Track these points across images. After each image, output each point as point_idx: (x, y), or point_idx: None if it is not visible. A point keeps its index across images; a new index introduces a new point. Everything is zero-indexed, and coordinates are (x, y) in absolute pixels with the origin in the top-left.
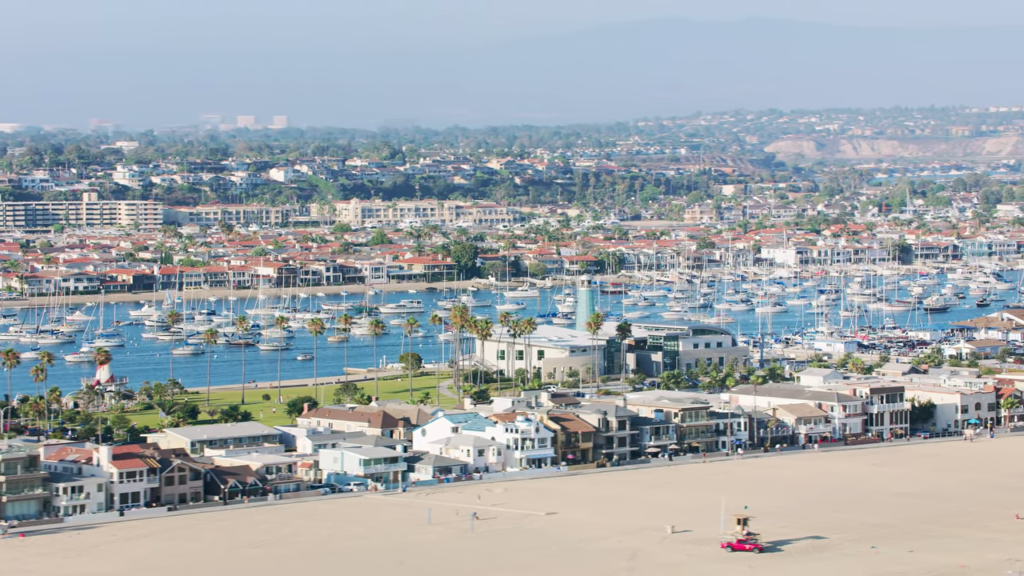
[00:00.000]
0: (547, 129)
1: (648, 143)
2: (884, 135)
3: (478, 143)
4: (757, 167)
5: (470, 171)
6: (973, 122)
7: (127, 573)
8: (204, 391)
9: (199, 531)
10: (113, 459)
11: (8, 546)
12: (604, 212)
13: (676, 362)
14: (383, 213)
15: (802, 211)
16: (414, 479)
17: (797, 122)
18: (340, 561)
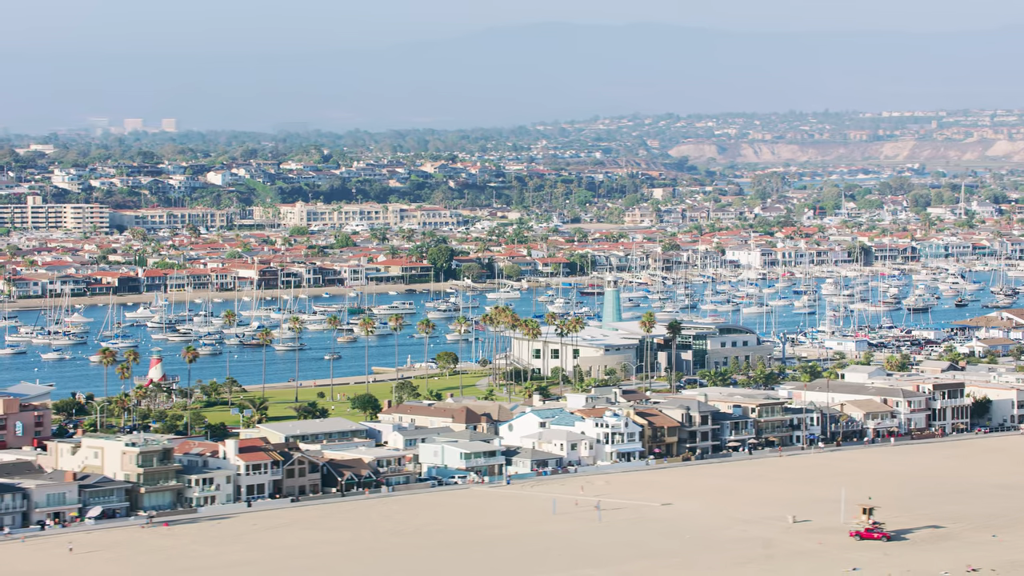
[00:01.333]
0: (453, 133)
1: (556, 146)
2: (784, 139)
3: (395, 147)
4: (669, 170)
5: (405, 175)
6: (868, 127)
7: (287, 559)
8: (258, 389)
9: (335, 521)
10: (239, 452)
11: (157, 535)
12: (545, 216)
13: (705, 360)
14: (328, 216)
15: (740, 214)
16: (512, 472)
17: (695, 126)
18: (489, 549)
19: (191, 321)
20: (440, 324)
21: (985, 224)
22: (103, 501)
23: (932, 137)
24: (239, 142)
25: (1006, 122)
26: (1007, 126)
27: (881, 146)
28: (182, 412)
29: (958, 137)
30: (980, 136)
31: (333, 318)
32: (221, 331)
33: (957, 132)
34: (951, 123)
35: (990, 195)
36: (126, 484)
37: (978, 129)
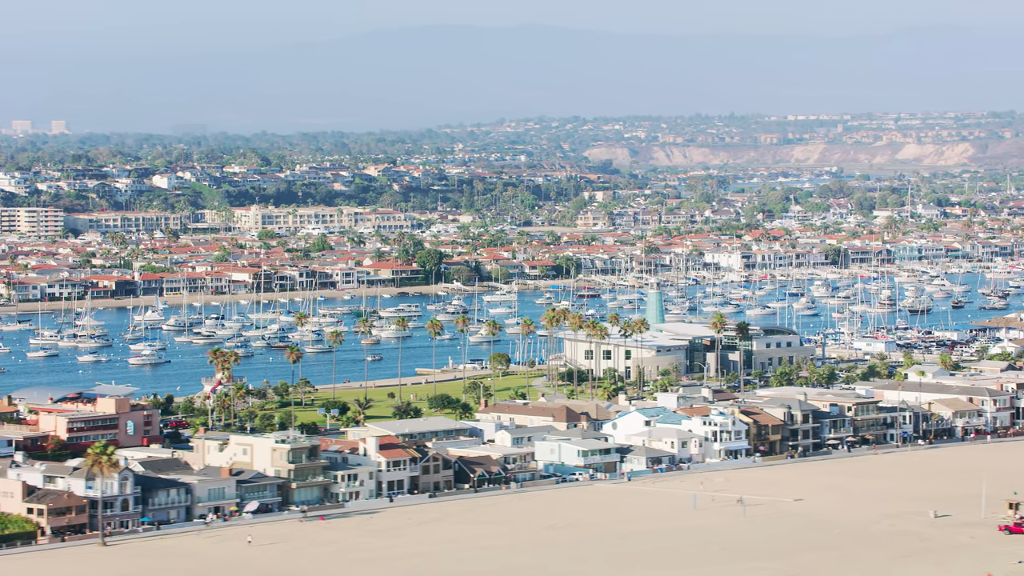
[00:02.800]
0: (370, 135)
1: (473, 149)
2: (695, 142)
3: (314, 149)
4: (591, 173)
5: (349, 178)
6: (775, 130)
7: (457, 552)
8: (328, 390)
9: (482, 515)
10: (380, 449)
11: (317, 528)
12: (498, 219)
13: (751, 361)
14: (283, 219)
15: (690, 217)
16: (627, 469)
17: (602, 129)
18: (647, 541)
19: (203, 324)
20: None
21: (947, 226)
22: (258, 496)
23: (842, 140)
24: (150, 144)
25: (910, 125)
26: (913, 129)
27: (792, 149)
28: (272, 412)
29: (867, 140)
30: (889, 139)
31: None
32: (240, 333)
33: (866, 135)
34: (856, 126)
35: (933, 199)
36: (278, 480)
37: (887, 132)
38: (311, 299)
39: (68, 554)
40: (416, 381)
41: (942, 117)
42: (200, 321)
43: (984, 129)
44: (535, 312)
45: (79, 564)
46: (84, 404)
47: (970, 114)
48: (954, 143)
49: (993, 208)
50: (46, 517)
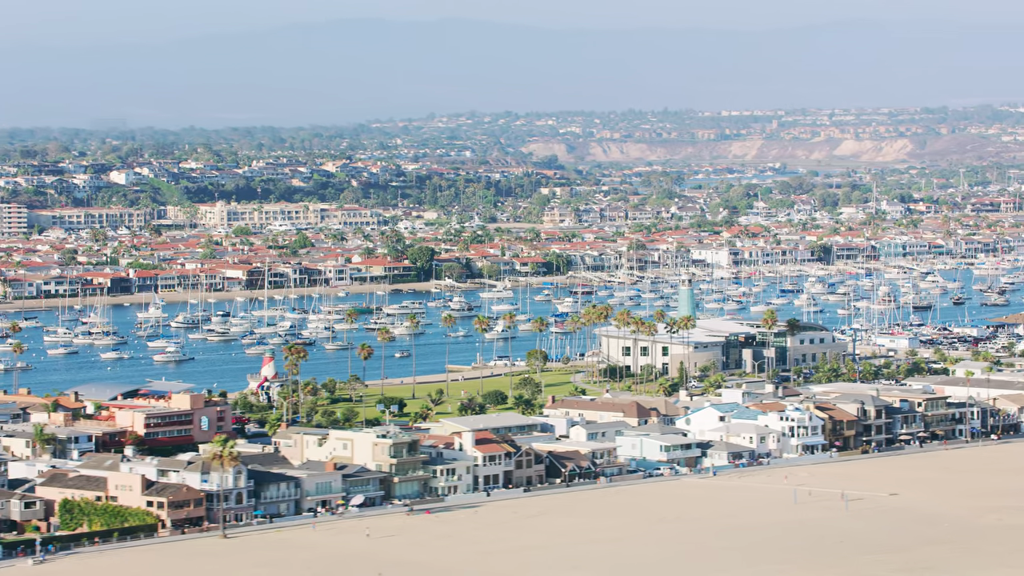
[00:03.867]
0: (301, 130)
1: (412, 145)
2: (632, 138)
3: (256, 144)
4: (536, 168)
5: (307, 174)
6: (709, 125)
7: (573, 544)
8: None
9: (586, 508)
10: (476, 444)
11: (427, 521)
12: (465, 216)
13: (785, 357)
14: (249, 216)
15: (656, 214)
16: (708, 464)
17: (535, 124)
18: (762, 535)
19: (209, 321)
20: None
21: (924, 223)
22: (362, 490)
23: (779, 136)
24: (80, 139)
25: (845, 121)
26: (847, 125)
27: (729, 145)
28: (334, 409)
29: (805, 136)
30: (827, 135)
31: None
32: (252, 330)
33: (803, 131)
34: (791, 122)
35: (893, 196)
36: (380, 474)
37: (824, 128)
38: (305, 296)
39: (192, 546)
40: (450, 378)
41: (876, 113)
42: (207, 318)
43: (920, 125)
44: (536, 309)
45: (209, 556)
46: (156, 400)
47: (903, 110)
48: (892, 139)
49: (956, 204)
50: (166, 510)
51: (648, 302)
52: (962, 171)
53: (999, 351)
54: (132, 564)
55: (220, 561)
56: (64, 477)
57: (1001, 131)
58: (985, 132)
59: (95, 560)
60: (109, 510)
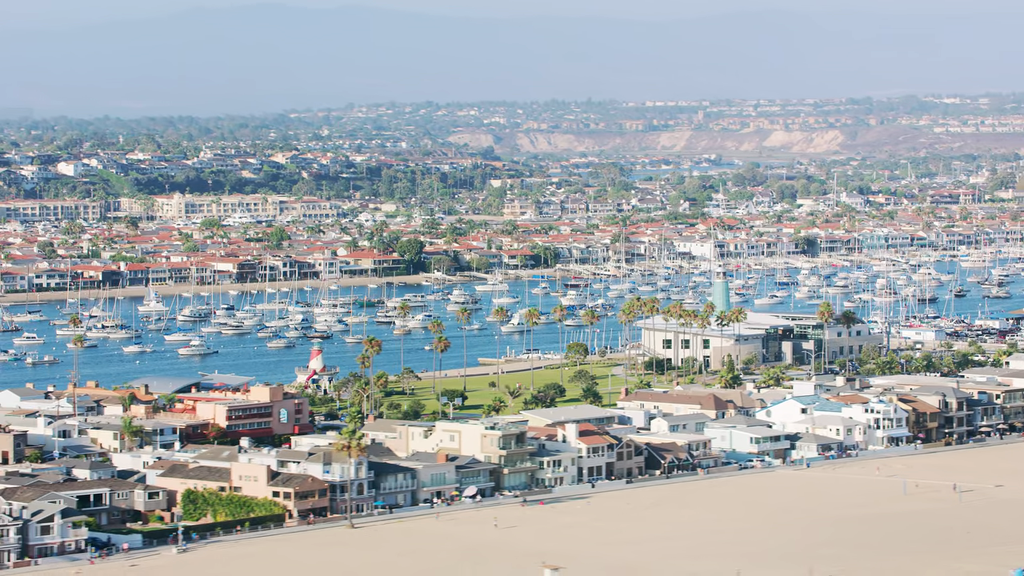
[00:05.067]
0: (220, 120)
1: (340, 135)
2: (560, 129)
3: (186, 136)
4: (474, 158)
5: (258, 165)
6: (635, 116)
7: (705, 534)
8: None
9: (696, 499)
10: (579, 436)
11: (543, 512)
12: (426, 209)
13: (823, 349)
14: (207, 208)
15: (617, 206)
16: (796, 455)
17: (457, 115)
18: (886, 526)
19: (214, 315)
20: (451, 317)
21: (898, 215)
22: (474, 481)
23: (708, 127)
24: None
25: (770, 112)
26: (773, 116)
27: (658, 136)
28: (400, 402)
29: (734, 127)
30: (756, 126)
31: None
32: (263, 323)
33: (732, 122)
34: (716, 113)
35: (855, 187)
36: (490, 465)
37: (753, 119)
38: (294, 289)
39: (323, 536)
40: (492, 371)
41: (801, 104)
42: (211, 312)
43: (849, 116)
44: (534, 302)
45: (344, 546)
46: (233, 393)
47: (829, 100)
48: (823, 130)
49: (913, 196)
50: (293, 500)
51: (648, 295)
52: (908, 163)
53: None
54: (269, 553)
55: (362, 550)
56: (184, 468)
57: (932, 122)
58: (916, 123)
59: (232, 549)
60: (234, 500)
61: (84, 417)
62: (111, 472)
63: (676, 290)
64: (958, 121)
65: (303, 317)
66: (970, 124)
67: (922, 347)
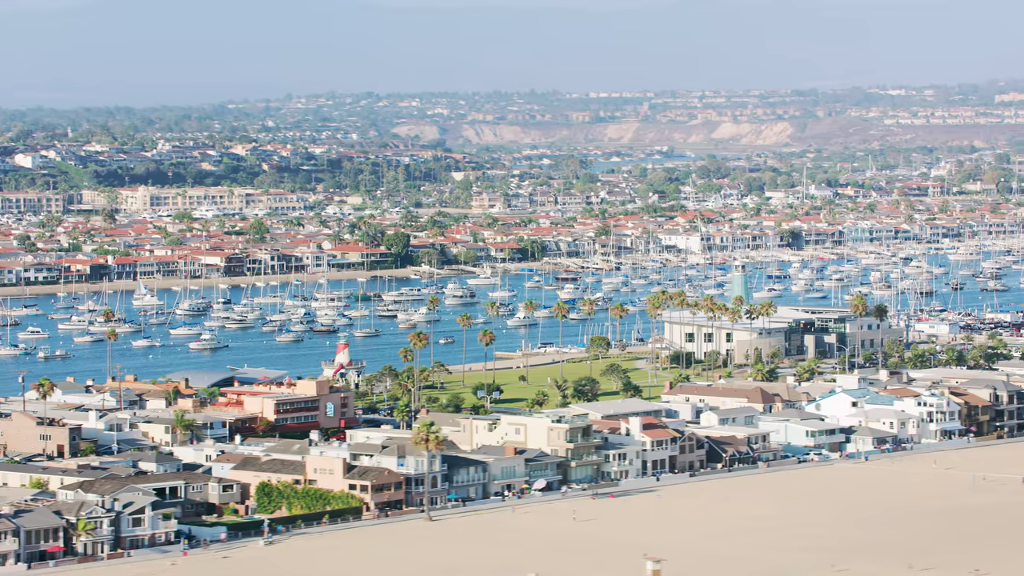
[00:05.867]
0: (156, 111)
1: (287, 126)
2: (505, 120)
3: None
4: (424, 150)
5: (217, 157)
6: (579, 107)
7: (783, 528)
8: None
9: (764, 492)
10: (643, 429)
11: (615, 505)
12: (393, 201)
13: (845, 343)
14: (173, 201)
15: (586, 199)
16: (852, 449)
17: (399, 105)
18: (976, 520)
19: (211, 310)
20: (457, 310)
21: (879, 208)
22: (543, 474)
23: (655, 119)
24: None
25: (716, 103)
26: (724, 107)
27: (605, 128)
28: (437, 395)
29: (682, 119)
30: (704, 118)
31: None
32: (265, 318)
33: (680, 114)
34: (662, 104)
35: (823, 179)
36: (558, 459)
37: (701, 111)
38: (282, 283)
39: (403, 529)
40: (505, 365)
41: (747, 95)
42: (208, 306)
43: (798, 108)
44: (530, 296)
45: (428, 539)
46: (278, 387)
47: (774, 92)
48: (771, 122)
49: (882, 188)
50: (370, 493)
51: (642, 288)
52: (869, 156)
53: None
54: (354, 546)
55: (447, 544)
56: (257, 461)
57: (882, 114)
58: (866, 115)
59: (316, 541)
60: (310, 493)
61: (132, 411)
62: (177, 465)
63: (671, 284)
64: (908, 113)
65: (305, 311)
66: (920, 116)
67: (936, 340)
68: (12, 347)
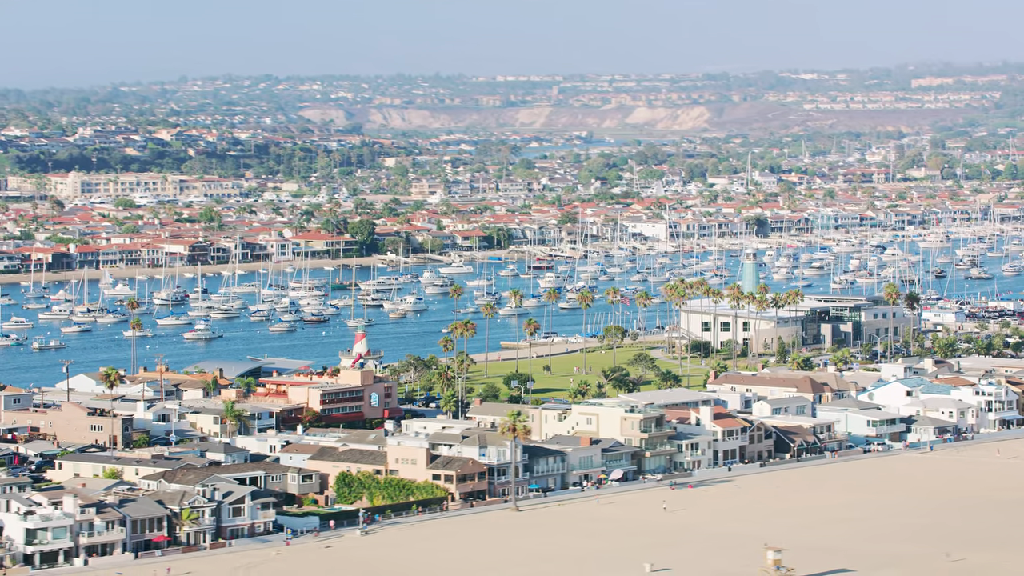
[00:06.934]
0: (47, 93)
1: (189, 111)
2: (414, 104)
3: (31, 109)
4: (344, 135)
5: (142, 143)
6: (484, 91)
7: (877, 517)
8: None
9: (846, 483)
10: (714, 419)
11: (696, 495)
12: (330, 188)
13: (860, 332)
14: (105, 187)
15: (527, 185)
16: (914, 439)
17: (299, 88)
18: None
19: (186, 299)
20: (433, 300)
21: (839, 195)
22: (618, 464)
23: (568, 103)
24: None
25: (626, 87)
26: (635, 92)
27: (516, 112)
28: (471, 385)
29: (595, 103)
30: (619, 103)
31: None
32: (245, 307)
33: (593, 98)
34: (571, 88)
35: (766, 165)
36: (633, 448)
37: (612, 95)
38: (243, 271)
39: (491, 519)
40: (507, 357)
41: (657, 79)
42: (184, 295)
43: (712, 92)
44: (505, 285)
45: (520, 528)
46: (319, 376)
47: (685, 76)
48: (687, 107)
49: (825, 175)
50: (454, 483)
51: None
52: (802, 141)
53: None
54: (449, 535)
55: (542, 534)
56: (334, 451)
57: (801, 99)
58: (784, 100)
59: (409, 531)
60: (392, 483)
61: (177, 401)
62: (244, 456)
63: (649, 272)
64: (827, 98)
65: (290, 301)
66: (840, 101)
67: (942, 328)
68: (3, 337)
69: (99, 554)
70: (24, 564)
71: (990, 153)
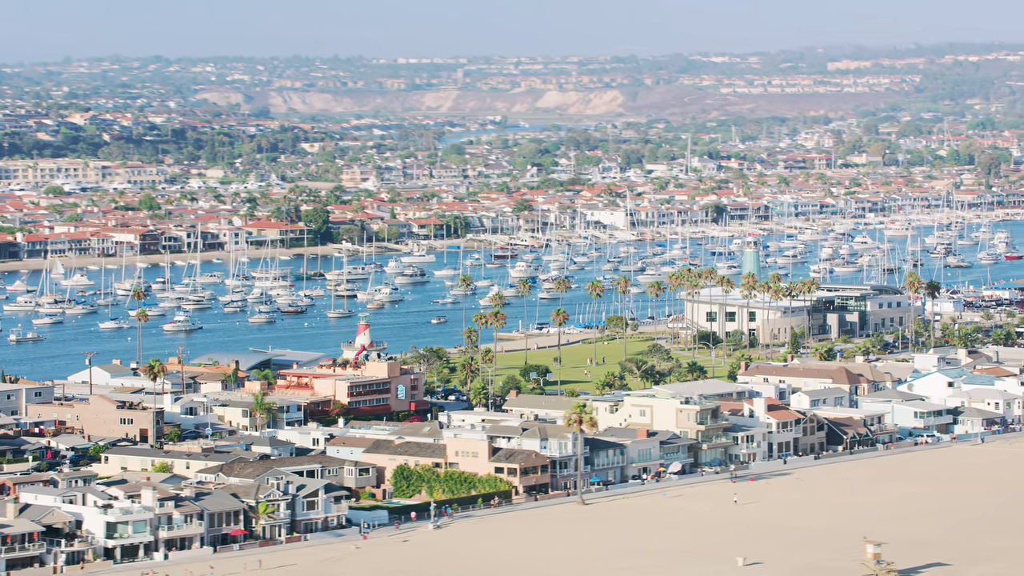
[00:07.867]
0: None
1: (83, 94)
2: (316, 87)
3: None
4: (253, 119)
5: (55, 127)
6: (385, 74)
7: (962, 509)
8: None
9: (905, 475)
10: (768, 411)
11: (759, 488)
12: (259, 175)
13: (866, 321)
14: (23, 173)
15: (462, 172)
16: (961, 430)
17: (191, 71)
18: None
19: (150, 290)
20: (406, 290)
21: (793, 181)
22: (676, 457)
23: (476, 87)
24: None
25: (533, 70)
26: (548, 74)
27: (422, 96)
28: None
29: (504, 87)
30: (528, 86)
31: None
32: (215, 297)
33: (501, 82)
34: (476, 71)
35: (702, 151)
36: (689, 441)
37: (524, 79)
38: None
39: (559, 512)
40: (510, 348)
41: (565, 62)
42: (147, 287)
43: (623, 75)
44: (482, 274)
45: (592, 522)
46: (343, 368)
47: (593, 59)
48: (599, 91)
49: (764, 160)
50: (518, 476)
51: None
52: (732, 126)
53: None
54: (522, 529)
55: (617, 527)
56: (390, 444)
57: (718, 82)
58: (699, 84)
59: (479, 525)
60: (453, 477)
61: (203, 394)
62: (290, 449)
63: (617, 260)
64: (744, 81)
65: (261, 292)
66: (758, 85)
67: (939, 319)
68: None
69: (178, 548)
70: (105, 558)
71: (925, 138)
